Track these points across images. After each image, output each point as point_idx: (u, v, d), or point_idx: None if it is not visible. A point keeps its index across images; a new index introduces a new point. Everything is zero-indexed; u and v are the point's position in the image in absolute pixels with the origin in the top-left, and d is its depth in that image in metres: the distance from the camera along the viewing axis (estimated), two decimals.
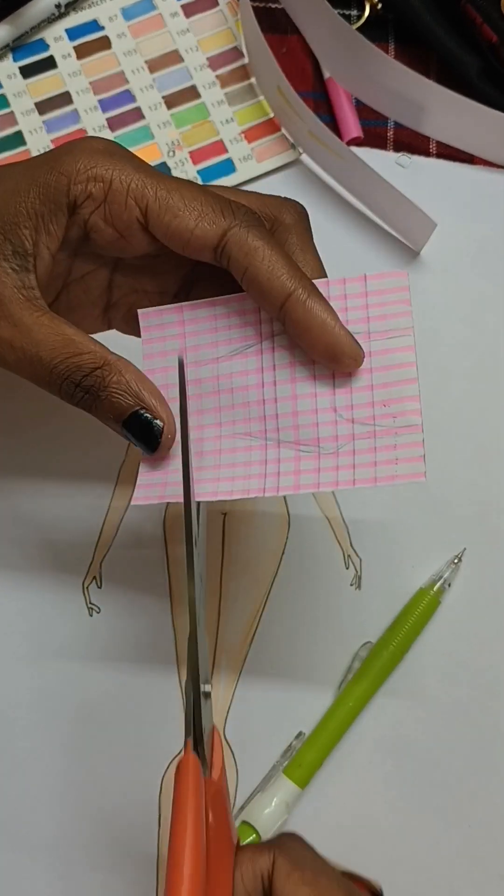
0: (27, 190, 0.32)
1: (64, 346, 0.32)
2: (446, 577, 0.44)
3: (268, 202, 0.34)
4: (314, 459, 0.32)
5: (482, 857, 0.42)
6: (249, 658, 0.44)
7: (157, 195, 0.31)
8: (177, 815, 0.29)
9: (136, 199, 0.31)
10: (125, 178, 0.31)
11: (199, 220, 0.31)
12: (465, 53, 0.51)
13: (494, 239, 0.49)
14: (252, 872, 0.31)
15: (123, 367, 0.33)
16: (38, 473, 0.46)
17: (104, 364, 0.32)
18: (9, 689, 0.43)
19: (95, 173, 0.31)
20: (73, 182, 0.31)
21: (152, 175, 0.32)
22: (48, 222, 0.32)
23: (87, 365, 0.32)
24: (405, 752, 0.43)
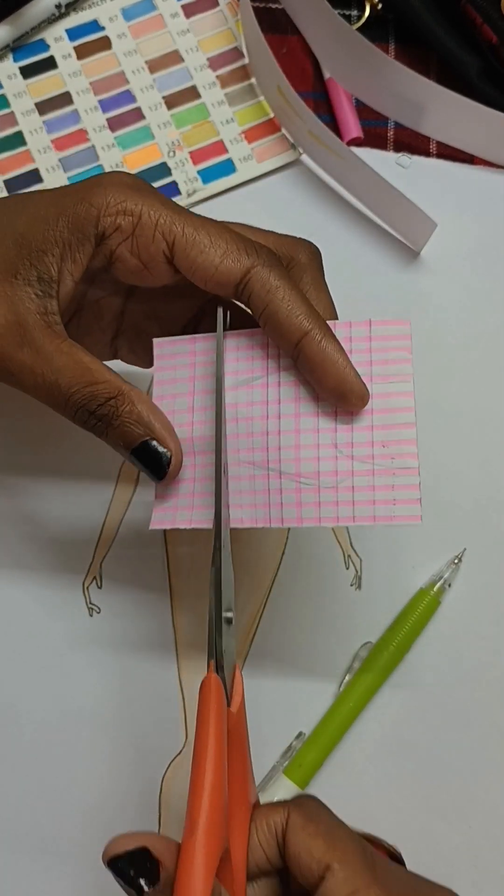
0: (56, 218, 0.33)
1: (81, 374, 0.33)
2: (446, 578, 0.44)
3: (284, 242, 0.35)
4: (314, 493, 0.33)
5: (482, 857, 0.42)
6: (249, 658, 0.44)
7: (184, 231, 0.32)
8: (201, 726, 0.30)
9: (163, 234, 0.32)
10: (154, 213, 0.33)
11: (224, 257, 0.32)
12: (465, 53, 0.51)
13: (494, 239, 0.49)
14: (266, 826, 0.31)
15: (136, 397, 0.34)
16: (38, 473, 0.46)
17: (118, 394, 0.33)
18: (9, 689, 0.43)
19: (125, 207, 0.33)
20: (102, 214, 0.32)
21: (179, 212, 0.33)
22: (74, 251, 0.33)
23: (102, 394, 0.33)
24: (405, 753, 0.43)
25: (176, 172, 0.50)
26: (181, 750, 0.43)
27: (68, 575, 0.44)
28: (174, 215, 0.33)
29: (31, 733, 0.43)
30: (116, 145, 0.50)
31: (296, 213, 0.49)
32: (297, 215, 0.49)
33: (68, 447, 0.46)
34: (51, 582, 0.44)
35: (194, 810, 0.29)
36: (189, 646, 0.44)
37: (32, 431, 0.46)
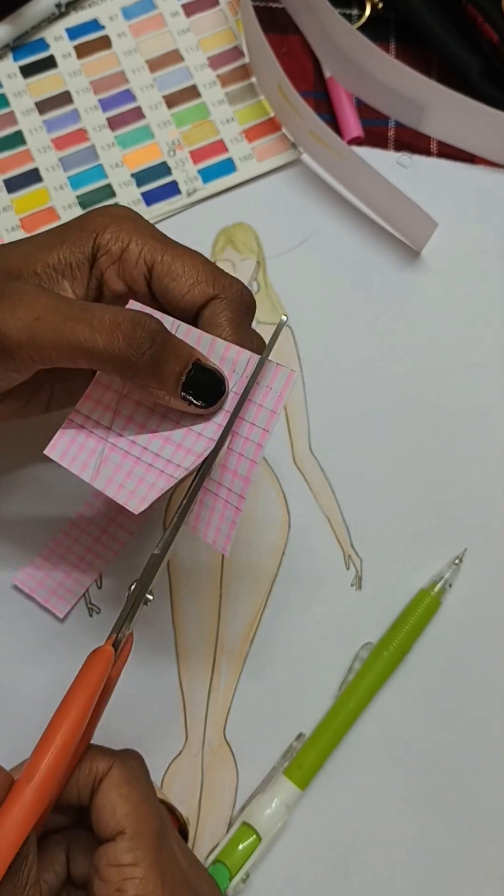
0: (61, 244, 0.35)
1: (128, 314, 0.33)
2: (447, 578, 0.44)
3: (218, 278, 0.36)
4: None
5: (483, 857, 0.42)
6: (249, 658, 0.44)
7: (162, 258, 0.35)
8: (75, 691, 0.32)
9: (145, 259, 0.35)
10: (140, 241, 0.35)
11: (192, 287, 0.35)
12: (466, 53, 0.50)
13: (495, 238, 0.49)
14: (89, 770, 0.33)
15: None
16: (38, 472, 0.45)
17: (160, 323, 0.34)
18: (9, 689, 0.43)
19: (117, 235, 0.35)
20: (98, 237, 0.35)
21: (164, 242, 0.36)
22: (76, 269, 0.35)
23: (152, 325, 0.33)
24: (406, 754, 0.43)
25: (176, 172, 0.50)
26: (181, 750, 0.43)
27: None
28: (157, 244, 0.35)
29: (31, 733, 0.43)
30: (116, 144, 0.50)
31: (296, 212, 0.49)
32: (297, 215, 0.49)
33: None
34: None
35: (38, 759, 0.31)
36: (189, 646, 0.44)
37: (34, 429, 0.46)
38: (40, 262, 0.35)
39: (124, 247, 0.35)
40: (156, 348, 0.33)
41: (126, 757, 0.35)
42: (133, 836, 0.32)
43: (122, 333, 0.32)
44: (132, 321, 0.32)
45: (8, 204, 0.49)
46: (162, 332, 0.33)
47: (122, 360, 0.32)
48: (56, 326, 0.32)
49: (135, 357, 0.32)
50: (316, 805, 0.42)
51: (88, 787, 0.33)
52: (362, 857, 0.42)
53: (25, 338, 0.32)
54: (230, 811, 0.42)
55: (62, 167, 0.50)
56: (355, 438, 0.46)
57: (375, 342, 0.48)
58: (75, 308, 0.33)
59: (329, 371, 0.47)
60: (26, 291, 0.33)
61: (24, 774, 0.30)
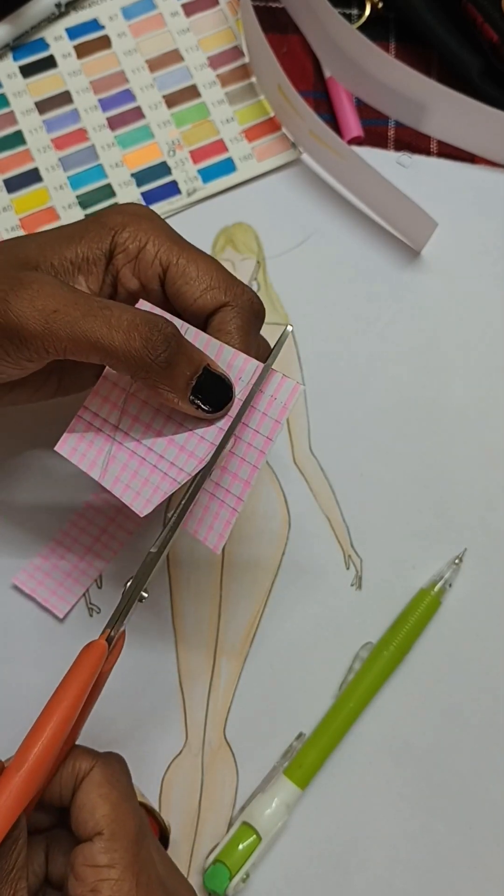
0: (80, 238, 0.36)
1: (143, 314, 0.34)
2: (447, 578, 0.44)
3: (230, 285, 0.37)
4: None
5: (483, 858, 0.42)
6: (249, 658, 0.44)
7: (178, 261, 0.35)
8: (68, 683, 0.32)
9: (160, 261, 0.35)
10: (157, 242, 0.36)
11: (205, 292, 0.35)
12: (466, 53, 0.50)
13: (495, 238, 0.49)
14: (72, 769, 0.34)
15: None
16: (38, 473, 0.45)
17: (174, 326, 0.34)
18: (9, 688, 0.43)
19: (135, 234, 0.36)
20: (116, 235, 0.36)
21: (180, 244, 0.36)
22: (92, 264, 0.36)
23: (166, 327, 0.33)
24: (406, 753, 0.43)
25: (176, 171, 0.50)
26: (181, 750, 0.43)
27: None
28: (174, 246, 0.36)
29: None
30: (116, 144, 0.50)
31: (296, 212, 0.49)
32: (297, 214, 0.49)
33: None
34: None
35: (28, 749, 0.31)
36: (189, 646, 0.44)
37: (33, 430, 0.46)
38: (57, 254, 0.35)
39: (141, 246, 0.36)
40: (170, 352, 0.33)
41: (109, 758, 0.35)
42: (111, 836, 0.32)
43: (140, 335, 0.33)
44: (149, 323, 0.33)
45: (8, 204, 0.49)
46: (177, 336, 0.33)
47: (137, 361, 0.33)
48: (74, 321, 0.32)
49: (149, 358, 0.33)
50: (316, 805, 0.42)
51: (70, 786, 0.34)
52: (362, 857, 0.42)
53: (42, 328, 0.32)
54: (230, 811, 0.42)
55: (62, 167, 0.50)
56: (355, 438, 0.46)
57: (375, 342, 0.48)
58: (94, 304, 0.33)
59: (329, 371, 0.47)
60: (46, 282, 0.33)
61: (14, 761, 0.31)
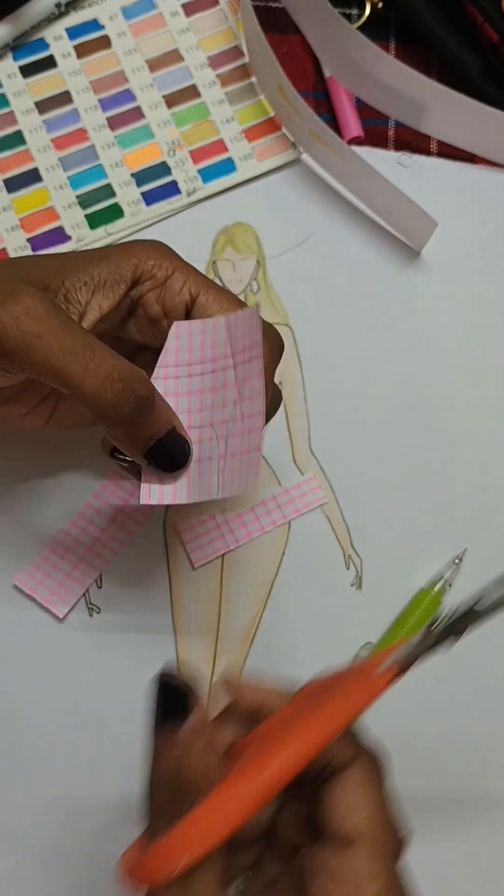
0: (99, 261, 0.36)
1: (121, 367, 0.34)
2: (447, 578, 0.44)
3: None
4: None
5: (483, 858, 0.42)
6: (249, 658, 0.44)
7: (206, 293, 0.37)
8: (340, 707, 0.29)
9: (190, 290, 0.37)
10: (185, 273, 0.37)
11: None
12: (466, 53, 0.50)
13: (495, 238, 0.49)
14: (327, 750, 0.30)
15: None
16: (38, 473, 0.45)
17: (149, 384, 0.35)
18: (9, 689, 0.43)
19: (161, 263, 0.37)
20: (141, 262, 0.37)
21: (207, 279, 0.38)
22: (108, 289, 0.36)
23: (140, 383, 0.34)
24: (406, 753, 0.43)
25: (176, 171, 0.50)
26: None
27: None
28: (201, 279, 0.37)
29: (31, 733, 0.43)
30: (116, 144, 0.50)
31: (296, 211, 0.49)
32: (297, 214, 0.49)
33: (68, 443, 0.46)
34: None
35: (277, 756, 0.28)
36: (189, 646, 0.44)
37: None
38: (72, 275, 0.36)
39: (168, 275, 0.37)
40: (136, 414, 0.34)
41: (373, 755, 0.32)
42: (374, 844, 0.29)
43: (112, 389, 0.33)
44: (124, 381, 0.33)
45: (8, 204, 0.49)
46: (148, 399, 0.34)
47: (102, 411, 0.33)
48: (53, 352, 0.33)
49: (114, 414, 0.33)
50: None
51: (317, 769, 0.30)
52: None
53: (21, 349, 0.33)
54: None
55: (62, 167, 0.50)
56: (355, 438, 0.46)
57: (375, 342, 0.48)
58: (79, 342, 0.33)
59: (329, 371, 0.47)
60: (37, 303, 0.33)
61: (254, 762, 0.28)
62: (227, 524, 0.45)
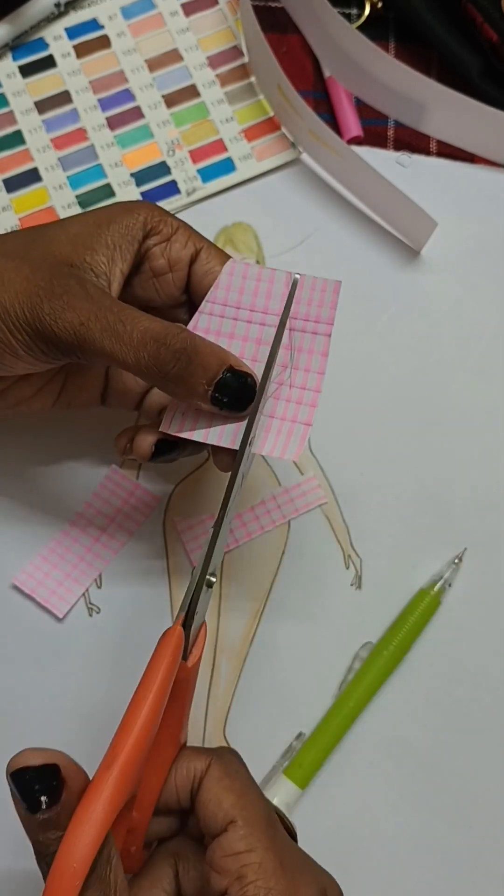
0: (108, 225, 0.37)
1: (160, 323, 0.35)
2: (447, 578, 0.44)
3: None
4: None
5: (483, 858, 0.42)
6: (249, 658, 0.44)
7: (207, 247, 0.38)
8: (149, 672, 0.31)
9: (194, 244, 0.38)
10: (187, 229, 0.38)
11: None
12: (466, 53, 0.50)
13: (495, 238, 0.49)
14: (186, 771, 0.34)
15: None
16: (38, 473, 0.45)
17: (189, 333, 0.35)
18: (9, 689, 0.43)
19: (166, 220, 0.38)
20: (148, 219, 0.37)
21: (201, 235, 0.39)
22: (123, 250, 0.37)
23: (180, 334, 0.34)
24: (405, 753, 0.43)
25: (175, 171, 0.50)
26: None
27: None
28: (201, 237, 0.38)
29: (31, 733, 0.43)
30: (116, 144, 0.50)
31: (296, 211, 0.49)
32: (296, 214, 0.49)
33: (69, 443, 0.46)
34: None
35: (118, 746, 0.30)
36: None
37: (33, 434, 0.46)
38: (90, 249, 0.36)
39: (173, 231, 0.38)
40: (180, 366, 0.34)
41: (223, 752, 0.35)
42: (244, 822, 0.32)
43: (147, 352, 0.34)
44: (157, 340, 0.34)
45: (7, 203, 0.49)
46: (187, 348, 0.34)
47: (150, 375, 0.34)
48: (95, 337, 0.34)
49: (159, 373, 0.34)
50: (315, 804, 0.42)
51: (188, 789, 0.34)
52: (362, 857, 0.42)
53: (70, 339, 0.34)
54: None
55: (61, 167, 0.50)
56: (355, 438, 0.46)
57: (375, 342, 0.48)
58: (111, 317, 0.34)
59: (329, 371, 0.47)
60: (77, 292, 0.34)
61: (102, 764, 0.29)
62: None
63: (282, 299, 0.36)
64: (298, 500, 0.45)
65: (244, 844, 0.32)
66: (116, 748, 0.30)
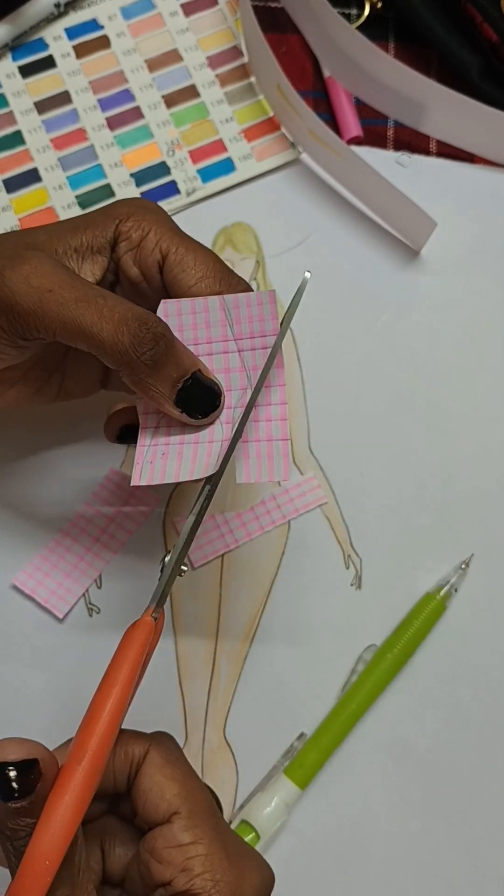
0: (85, 228, 0.36)
1: (136, 311, 0.34)
2: (453, 583, 0.44)
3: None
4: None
5: (483, 858, 0.42)
6: (250, 657, 0.44)
7: (176, 250, 0.36)
8: (117, 662, 0.31)
9: (160, 249, 0.36)
10: (159, 231, 0.36)
11: (200, 280, 0.36)
12: (466, 52, 0.50)
13: (495, 238, 0.49)
14: (124, 755, 0.33)
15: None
16: (38, 473, 0.45)
17: (166, 328, 0.34)
18: (9, 689, 0.43)
19: (139, 224, 0.36)
20: (120, 224, 0.36)
21: (181, 235, 0.37)
22: (95, 253, 0.36)
23: (157, 326, 0.34)
24: (406, 754, 0.43)
25: (175, 171, 0.50)
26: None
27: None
28: (174, 236, 0.36)
29: (31, 733, 0.43)
30: (115, 144, 0.50)
31: (296, 212, 0.49)
32: (296, 214, 0.49)
33: (69, 444, 0.46)
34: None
35: (87, 737, 0.29)
36: (189, 646, 0.44)
37: (33, 437, 0.46)
38: (62, 242, 0.36)
39: (143, 235, 0.36)
40: (157, 351, 0.33)
41: (161, 738, 0.34)
42: (189, 814, 0.32)
43: (129, 329, 0.33)
44: (140, 320, 0.33)
45: (7, 204, 0.49)
46: (166, 336, 0.34)
47: (123, 355, 0.33)
48: (66, 304, 0.33)
49: (135, 355, 0.33)
50: (316, 805, 0.42)
51: (125, 773, 0.33)
52: (362, 856, 0.42)
53: (35, 306, 0.33)
54: (230, 809, 0.42)
55: (61, 167, 0.50)
56: (355, 438, 0.46)
57: (375, 342, 0.48)
58: (90, 291, 0.33)
59: (329, 371, 0.47)
60: (45, 262, 0.34)
61: (72, 755, 0.29)
62: (227, 524, 0.45)
63: (222, 324, 0.36)
64: (298, 500, 0.45)
65: (189, 836, 0.32)
66: (86, 740, 0.29)
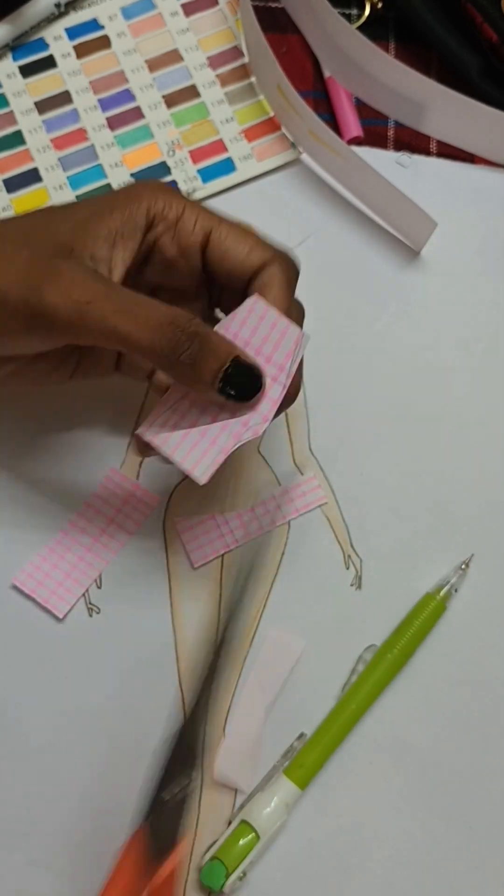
0: (111, 211, 0.36)
1: (164, 308, 0.35)
2: (453, 583, 0.44)
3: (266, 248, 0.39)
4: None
5: (483, 859, 0.42)
6: (249, 658, 0.44)
7: (220, 226, 0.37)
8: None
9: (202, 227, 0.37)
10: (195, 210, 0.37)
11: (251, 251, 0.37)
12: (466, 52, 0.50)
13: (495, 238, 0.49)
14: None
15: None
16: (38, 472, 0.45)
17: (197, 320, 0.35)
18: (9, 689, 0.43)
19: (170, 204, 0.37)
20: (151, 207, 0.37)
21: (216, 213, 0.38)
22: (127, 239, 0.36)
23: (189, 320, 0.35)
24: (406, 755, 0.43)
25: (175, 171, 0.50)
26: None
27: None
28: (209, 214, 0.38)
29: (31, 733, 0.43)
30: (116, 144, 0.50)
31: (296, 212, 0.49)
32: (297, 214, 0.49)
33: (70, 444, 0.46)
34: None
35: None
36: (189, 646, 0.44)
37: (34, 437, 0.46)
38: (91, 234, 0.36)
39: (179, 215, 0.37)
40: (193, 349, 0.34)
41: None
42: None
43: (164, 335, 0.34)
44: (174, 323, 0.34)
45: (7, 204, 0.49)
46: (201, 333, 0.34)
47: (163, 358, 0.34)
48: (105, 315, 0.34)
49: (174, 357, 0.34)
50: (315, 805, 0.42)
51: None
52: (362, 856, 0.42)
53: (75, 319, 0.34)
54: (230, 809, 0.42)
55: (61, 167, 0.50)
56: (355, 438, 0.46)
57: (375, 342, 0.48)
58: (125, 300, 0.34)
59: (329, 371, 0.47)
60: (79, 272, 0.34)
61: None
62: (227, 524, 0.45)
63: (287, 356, 0.37)
64: (298, 500, 0.45)
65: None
66: None
